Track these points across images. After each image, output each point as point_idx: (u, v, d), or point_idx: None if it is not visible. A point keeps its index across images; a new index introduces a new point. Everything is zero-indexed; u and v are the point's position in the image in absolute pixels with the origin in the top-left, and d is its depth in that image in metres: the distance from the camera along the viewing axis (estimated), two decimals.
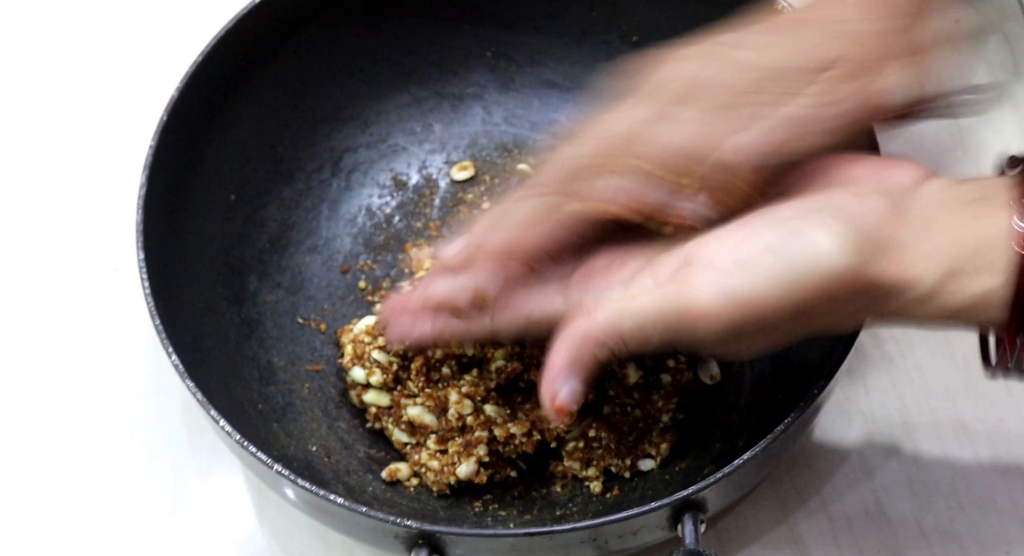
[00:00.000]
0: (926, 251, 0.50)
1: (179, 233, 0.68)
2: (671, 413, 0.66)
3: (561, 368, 0.54)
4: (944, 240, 0.50)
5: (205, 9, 0.82)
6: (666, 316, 0.51)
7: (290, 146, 0.74)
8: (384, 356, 0.68)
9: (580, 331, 0.53)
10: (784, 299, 0.50)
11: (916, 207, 0.51)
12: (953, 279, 0.50)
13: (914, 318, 0.52)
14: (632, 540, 0.59)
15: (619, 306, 0.53)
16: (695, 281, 0.51)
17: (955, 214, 0.50)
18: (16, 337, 0.76)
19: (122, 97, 0.83)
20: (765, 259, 0.50)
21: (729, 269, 0.50)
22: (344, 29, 0.73)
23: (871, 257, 0.50)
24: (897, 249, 0.50)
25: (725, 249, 0.51)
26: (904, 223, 0.50)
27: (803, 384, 0.60)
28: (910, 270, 0.50)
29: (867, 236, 0.50)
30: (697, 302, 0.51)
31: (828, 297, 0.50)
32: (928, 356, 0.72)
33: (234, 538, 0.70)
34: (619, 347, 0.53)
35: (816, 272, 0.50)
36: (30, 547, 0.70)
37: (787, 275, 0.50)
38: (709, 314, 0.51)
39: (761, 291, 0.50)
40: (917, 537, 0.67)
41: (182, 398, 0.72)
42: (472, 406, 0.66)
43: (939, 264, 0.50)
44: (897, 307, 0.51)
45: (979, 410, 0.70)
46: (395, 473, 0.67)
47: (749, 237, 0.51)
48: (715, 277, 0.51)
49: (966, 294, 0.50)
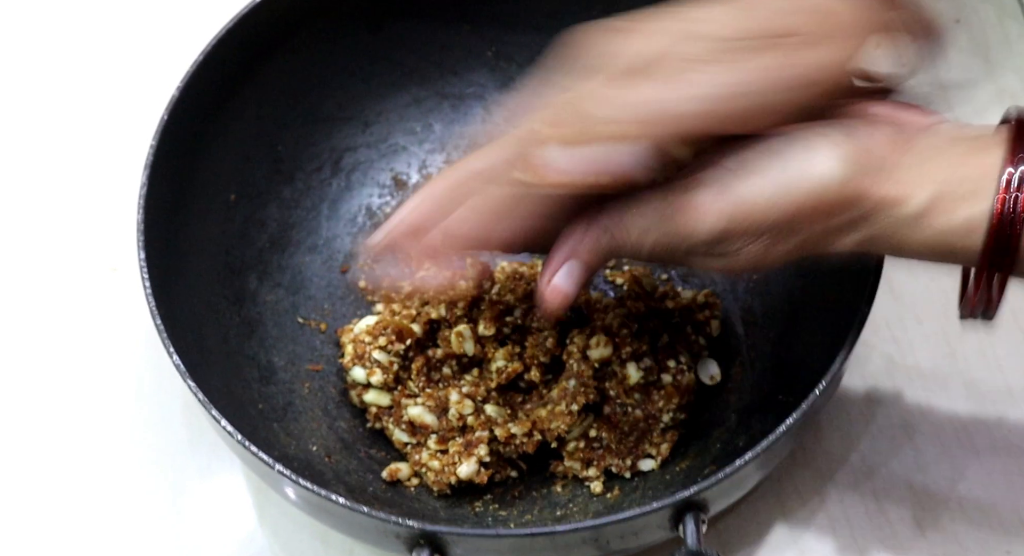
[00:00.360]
0: (920, 173, 0.51)
1: (179, 233, 0.67)
2: (672, 413, 0.66)
3: (564, 250, 0.54)
4: (939, 166, 0.51)
5: (205, 9, 0.82)
6: (667, 206, 0.53)
7: (290, 146, 0.74)
8: (384, 356, 0.68)
9: (586, 218, 0.54)
10: (779, 206, 0.51)
11: (921, 139, 0.52)
12: (942, 202, 0.51)
13: (902, 242, 0.52)
14: (633, 540, 0.59)
15: (630, 200, 0.53)
16: (702, 184, 0.52)
17: (955, 147, 0.52)
18: (16, 337, 0.76)
19: (122, 97, 0.83)
20: (768, 163, 0.51)
21: (733, 168, 0.52)
22: (344, 29, 0.73)
23: (867, 171, 0.51)
24: (894, 169, 0.51)
25: (732, 154, 0.52)
26: (906, 149, 0.52)
27: (803, 384, 0.60)
28: (903, 188, 0.51)
29: (867, 152, 0.51)
30: (700, 200, 0.52)
31: (821, 206, 0.51)
32: (928, 356, 0.72)
33: (234, 538, 0.70)
34: (624, 238, 0.53)
35: (811, 177, 0.51)
36: (30, 547, 0.70)
37: (785, 178, 0.51)
38: (707, 206, 0.52)
39: (758, 195, 0.51)
40: (917, 537, 0.67)
41: (182, 398, 0.72)
42: (473, 406, 0.66)
43: (931, 186, 0.51)
44: (886, 225, 0.52)
45: (979, 410, 0.70)
46: (395, 473, 0.67)
47: (763, 149, 0.52)
48: (719, 174, 0.52)
49: (952, 219, 0.51)
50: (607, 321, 0.67)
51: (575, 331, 0.67)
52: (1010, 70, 0.81)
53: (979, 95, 0.80)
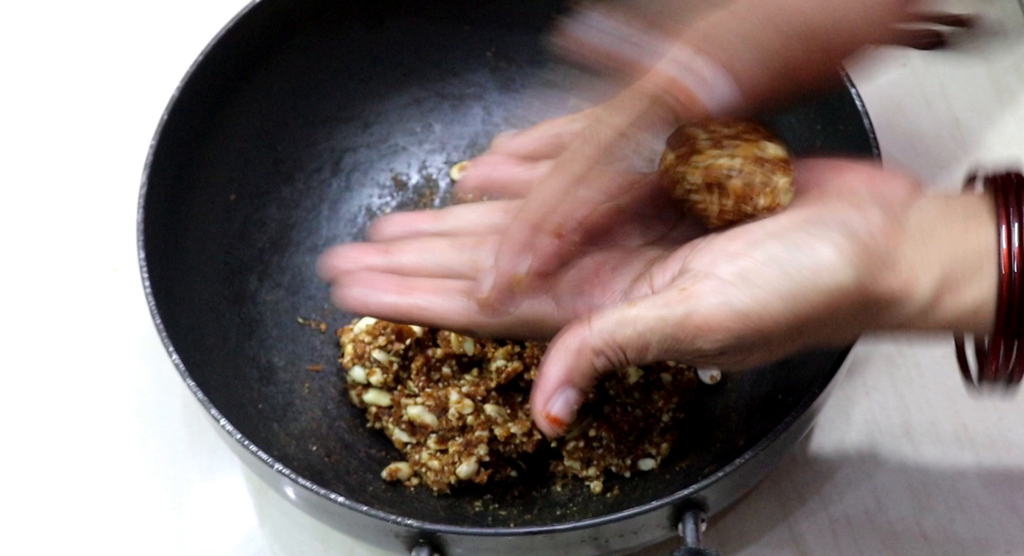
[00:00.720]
0: (923, 264, 0.51)
1: (179, 233, 0.67)
2: (671, 413, 0.66)
3: (556, 378, 0.53)
4: (940, 253, 0.51)
5: (205, 9, 0.82)
6: (666, 325, 0.51)
7: (290, 146, 0.74)
8: (384, 356, 0.68)
9: (577, 339, 0.52)
10: (787, 312, 0.50)
11: (913, 221, 0.52)
12: (948, 290, 0.50)
13: (911, 330, 0.52)
14: (633, 539, 0.59)
15: (617, 315, 0.52)
16: (697, 291, 0.51)
17: (950, 228, 0.51)
18: (17, 337, 0.76)
19: (122, 97, 0.83)
20: (770, 272, 0.50)
21: (733, 281, 0.50)
22: (344, 29, 0.73)
23: (873, 271, 0.50)
24: (896, 263, 0.51)
25: (727, 259, 0.51)
26: (903, 237, 0.51)
27: (803, 384, 0.60)
28: (909, 283, 0.50)
29: (869, 250, 0.50)
30: (699, 312, 0.50)
31: (831, 311, 0.50)
32: (928, 356, 0.72)
33: (234, 538, 0.70)
34: (617, 357, 0.52)
35: (821, 287, 0.50)
36: (31, 547, 0.70)
37: (791, 289, 0.50)
38: (712, 325, 0.50)
39: (765, 304, 0.50)
40: (917, 537, 0.67)
41: (183, 398, 0.72)
42: (472, 406, 0.66)
43: (935, 276, 0.50)
44: (895, 319, 0.52)
45: (979, 410, 0.70)
46: (395, 473, 0.67)
47: (752, 247, 0.51)
48: (719, 288, 0.50)
49: (960, 304, 0.51)
50: None
51: None
52: (1010, 70, 0.81)
53: (979, 95, 0.80)
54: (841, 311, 0.50)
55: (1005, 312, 0.50)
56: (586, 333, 0.52)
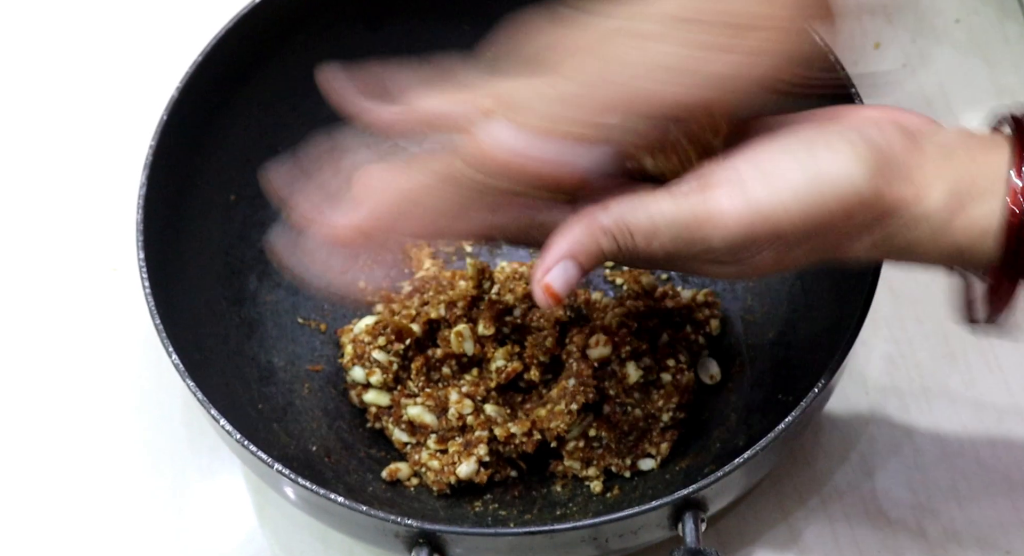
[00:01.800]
0: (933, 173, 0.51)
1: (179, 233, 0.67)
2: (671, 412, 0.66)
3: (560, 249, 0.52)
4: (953, 168, 0.51)
5: (205, 9, 0.82)
6: (679, 213, 0.51)
7: (290, 146, 0.74)
8: (384, 356, 0.68)
9: (591, 217, 0.52)
10: (802, 210, 0.50)
11: (931, 142, 0.52)
12: (955, 202, 0.50)
13: (915, 244, 0.52)
14: (633, 539, 0.59)
15: (636, 202, 0.51)
16: (715, 183, 0.51)
17: (968, 151, 0.51)
18: (17, 337, 0.76)
19: (122, 97, 0.83)
20: (789, 171, 0.50)
21: (754, 178, 0.50)
22: (344, 29, 0.73)
23: (889, 177, 0.50)
24: (912, 174, 0.51)
25: (750, 162, 0.51)
26: (920, 152, 0.51)
27: (803, 384, 0.60)
28: (920, 194, 0.50)
29: (887, 157, 0.50)
30: (718, 205, 0.50)
31: (844, 215, 0.50)
32: (928, 356, 0.72)
33: (234, 538, 0.70)
34: (625, 240, 0.51)
35: (837, 186, 0.50)
36: (31, 547, 0.70)
37: (807, 187, 0.50)
38: (728, 220, 0.50)
39: (780, 199, 0.50)
40: (917, 537, 0.67)
41: (182, 398, 0.72)
42: (472, 406, 0.66)
43: (944, 186, 0.50)
44: (901, 226, 0.51)
45: (979, 410, 0.70)
46: (395, 473, 0.67)
47: (776, 151, 0.51)
48: (739, 184, 0.50)
49: (966, 219, 0.50)
50: (606, 320, 0.67)
51: (574, 330, 0.67)
52: (1010, 70, 0.81)
53: (979, 95, 0.80)
54: (854, 217, 0.50)
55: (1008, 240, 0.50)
56: (601, 214, 0.52)
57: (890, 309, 0.73)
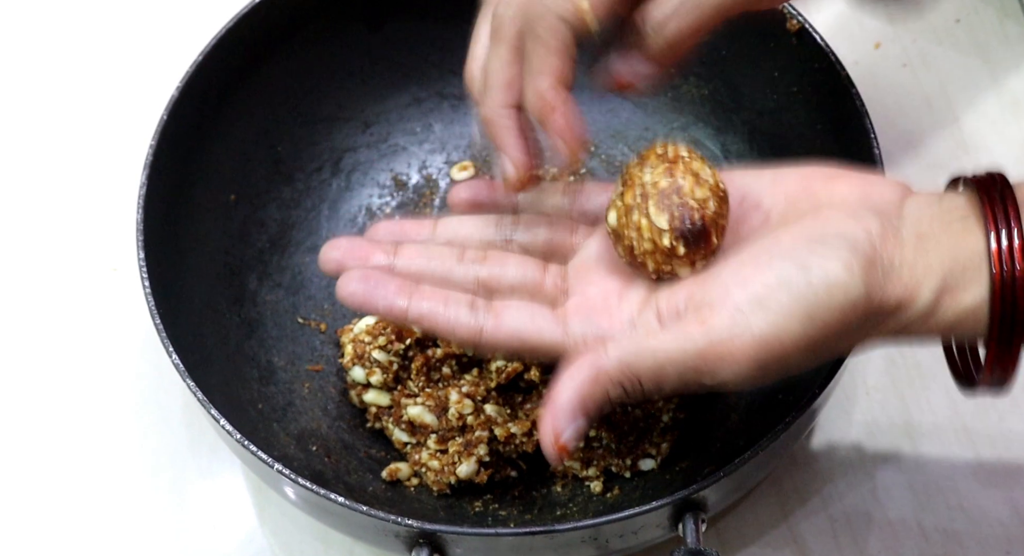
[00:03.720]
0: (922, 270, 0.51)
1: (179, 233, 0.67)
2: (671, 413, 0.66)
3: (571, 406, 0.52)
4: (937, 258, 0.51)
5: (205, 9, 0.82)
6: (687, 357, 0.51)
7: (290, 146, 0.74)
8: (384, 356, 0.68)
9: (593, 367, 0.52)
10: (804, 333, 0.50)
11: (908, 225, 0.52)
12: (947, 294, 0.51)
13: (913, 334, 0.53)
14: (633, 539, 0.59)
15: (636, 344, 0.52)
16: (716, 321, 0.51)
17: (946, 230, 0.52)
18: (17, 337, 0.76)
19: (122, 97, 0.83)
20: (783, 296, 0.50)
21: (749, 307, 0.50)
22: (344, 29, 0.73)
23: (879, 281, 0.51)
24: (898, 269, 0.51)
25: (740, 287, 0.51)
26: (900, 243, 0.52)
27: (803, 384, 0.60)
28: (911, 288, 0.51)
29: (874, 262, 0.51)
30: (721, 342, 0.50)
31: (843, 325, 0.51)
32: (928, 356, 0.72)
33: (234, 538, 0.70)
34: (634, 387, 0.52)
35: (834, 304, 0.50)
36: (31, 547, 0.70)
37: (806, 310, 0.50)
38: (735, 354, 0.50)
39: (783, 327, 0.50)
40: (917, 537, 0.67)
41: (183, 398, 0.72)
42: (472, 406, 0.66)
43: (934, 281, 0.51)
44: (899, 325, 0.52)
45: (979, 410, 0.70)
46: (395, 473, 0.67)
47: (762, 271, 0.51)
48: (736, 316, 0.51)
49: (958, 308, 0.51)
50: None
51: None
52: (1010, 70, 0.81)
53: (979, 95, 0.80)
54: (852, 324, 0.51)
55: (999, 315, 0.51)
56: (603, 361, 0.52)
57: None
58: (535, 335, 0.56)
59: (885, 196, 0.53)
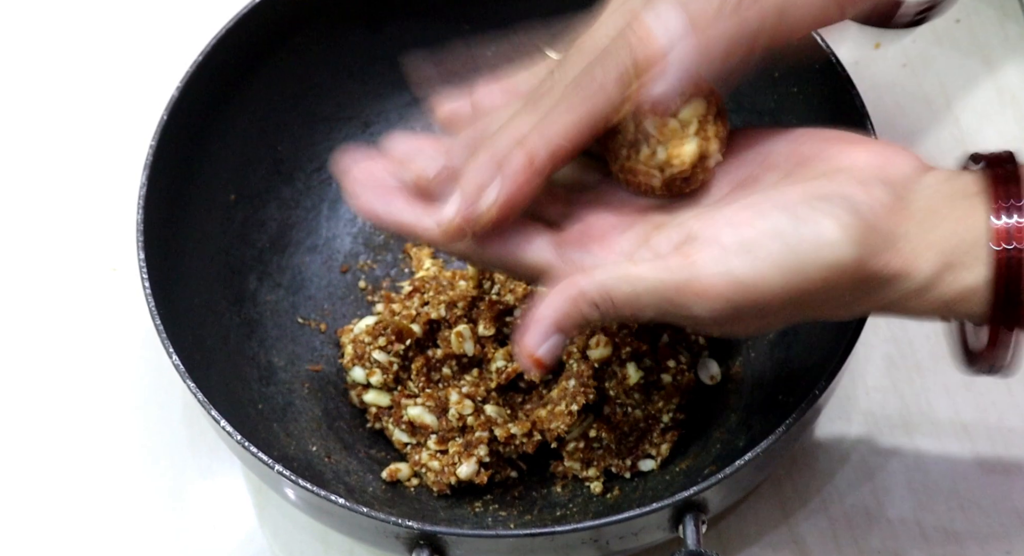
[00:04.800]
0: (926, 244, 0.51)
1: (179, 233, 0.67)
2: (671, 413, 0.66)
3: (547, 321, 0.53)
4: (942, 234, 0.51)
5: (205, 9, 0.82)
6: (664, 288, 0.51)
7: (290, 146, 0.74)
8: (384, 356, 0.68)
9: (575, 287, 0.52)
10: (786, 285, 0.50)
11: (918, 199, 0.52)
12: (948, 271, 0.51)
13: (908, 309, 0.52)
14: (633, 540, 0.59)
15: (618, 270, 0.52)
16: (698, 257, 0.51)
17: (954, 208, 0.51)
18: (17, 337, 0.76)
19: (122, 97, 0.83)
20: (771, 243, 0.50)
21: (735, 249, 0.50)
22: (344, 29, 0.73)
23: (875, 249, 0.50)
24: (899, 241, 0.51)
25: (732, 228, 0.51)
26: (907, 215, 0.51)
27: (803, 384, 0.60)
28: (909, 262, 0.51)
29: (873, 228, 0.50)
30: (698, 278, 0.50)
31: (828, 286, 0.50)
32: (928, 356, 0.72)
33: (234, 538, 0.70)
34: (609, 311, 0.52)
35: (821, 262, 0.50)
36: (31, 547, 0.70)
37: (792, 262, 0.50)
38: (709, 292, 0.50)
39: (764, 275, 0.50)
40: (917, 537, 0.67)
41: (183, 398, 0.72)
42: (472, 406, 0.66)
43: (936, 257, 0.51)
44: (893, 297, 0.52)
45: (979, 410, 0.70)
46: (395, 473, 0.67)
47: (757, 218, 0.51)
48: (719, 255, 0.50)
49: (957, 286, 0.51)
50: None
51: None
52: (1010, 70, 0.81)
53: (979, 95, 0.80)
54: (839, 287, 0.51)
55: (999, 295, 0.50)
56: (584, 283, 0.52)
57: None
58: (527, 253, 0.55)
59: (901, 168, 0.53)
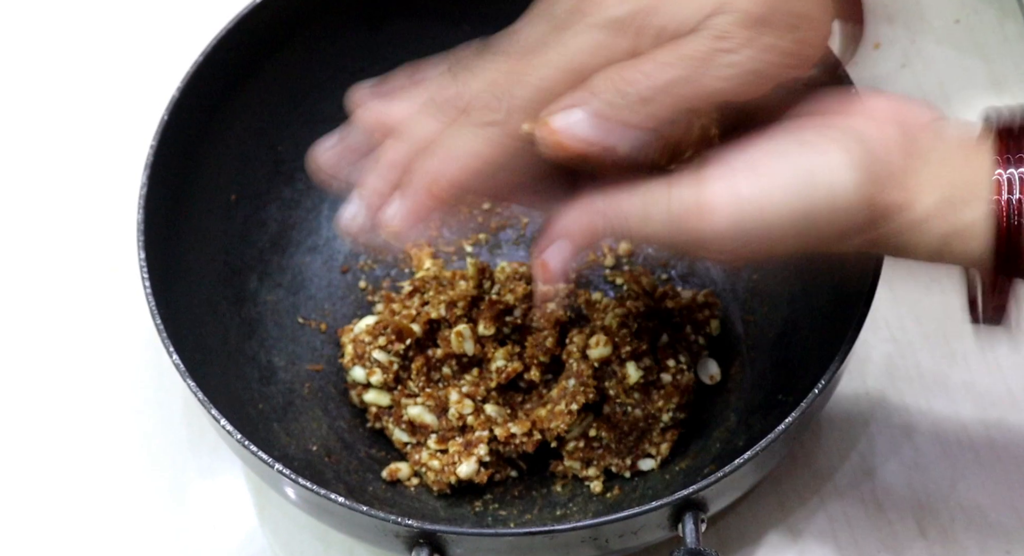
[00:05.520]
0: (929, 180, 0.51)
1: (179, 233, 0.67)
2: (671, 413, 0.66)
3: (557, 228, 0.54)
4: (947, 173, 0.51)
5: (205, 9, 0.82)
6: (673, 206, 0.51)
7: (290, 146, 0.74)
8: (384, 356, 0.68)
9: (587, 201, 0.53)
10: (790, 206, 0.51)
11: (928, 141, 0.52)
12: (948, 206, 0.51)
13: (906, 245, 0.52)
14: (633, 539, 0.59)
15: (632, 186, 0.52)
16: (707, 175, 0.51)
17: (962, 151, 0.52)
18: (17, 337, 0.76)
19: (122, 97, 0.83)
20: (777, 164, 0.51)
21: (742, 169, 0.51)
22: (344, 29, 0.73)
23: (880, 181, 0.51)
24: (904, 176, 0.51)
25: (740, 151, 0.51)
26: (914, 152, 0.52)
27: (803, 384, 0.60)
28: (913, 194, 0.51)
29: (879, 160, 0.51)
30: (705, 194, 0.51)
31: (831, 212, 0.51)
32: (928, 356, 0.72)
33: (235, 538, 0.70)
34: (620, 223, 0.53)
35: (824, 185, 0.50)
36: (31, 547, 0.70)
37: (796, 183, 0.50)
38: (716, 213, 0.51)
39: (768, 193, 0.51)
40: (917, 537, 0.67)
41: (183, 398, 0.72)
42: (472, 406, 0.66)
43: (935, 192, 0.51)
44: (891, 229, 0.52)
45: (979, 410, 0.70)
46: (395, 473, 0.67)
47: (766, 142, 0.51)
48: (726, 174, 0.51)
49: (955, 221, 0.51)
50: (606, 321, 0.67)
51: (575, 331, 0.67)
52: (1010, 70, 0.81)
53: (979, 95, 0.80)
54: (840, 212, 0.51)
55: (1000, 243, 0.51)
56: (600, 200, 0.53)
57: (890, 309, 0.73)
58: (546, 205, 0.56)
59: (916, 115, 0.53)
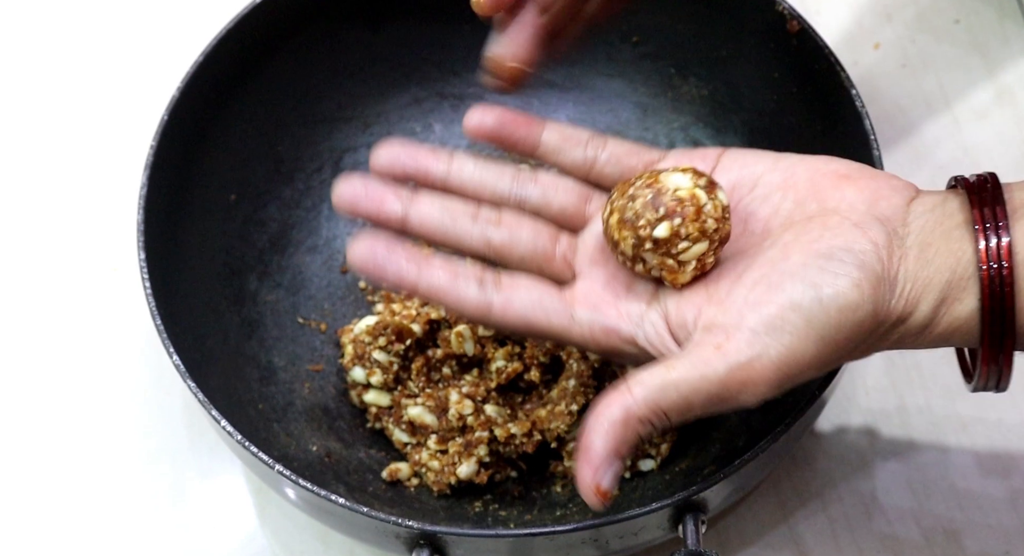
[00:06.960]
0: (923, 284, 0.52)
1: (179, 233, 0.67)
2: None
3: (605, 451, 0.52)
4: (937, 270, 0.52)
5: (205, 9, 0.82)
6: (710, 386, 0.52)
7: (290, 146, 0.74)
8: (384, 356, 0.68)
9: (621, 410, 0.52)
10: (819, 352, 0.52)
11: (911, 234, 0.53)
12: (943, 306, 0.53)
13: (912, 344, 0.54)
14: (633, 540, 0.59)
15: (658, 380, 0.52)
16: (731, 346, 0.52)
17: (945, 240, 0.53)
18: (18, 337, 0.76)
19: (123, 97, 0.83)
20: (796, 318, 0.51)
21: (765, 331, 0.51)
22: (344, 29, 0.73)
23: (884, 298, 0.52)
24: (901, 284, 0.52)
25: (752, 309, 0.52)
26: (904, 255, 0.53)
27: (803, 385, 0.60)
28: (911, 304, 0.52)
29: (880, 279, 0.52)
30: (740, 368, 0.51)
31: (853, 341, 0.52)
32: (928, 356, 0.72)
33: (235, 538, 0.70)
34: (661, 421, 0.53)
35: (845, 323, 0.51)
36: (31, 547, 0.70)
37: (820, 331, 0.51)
38: (757, 380, 0.51)
39: (798, 350, 0.51)
40: (917, 537, 0.67)
41: (183, 398, 0.72)
42: (473, 406, 0.66)
43: (933, 295, 0.52)
44: (897, 336, 0.53)
45: (979, 409, 0.70)
46: (395, 473, 0.67)
47: (773, 292, 0.52)
48: (752, 340, 0.51)
49: (952, 318, 0.53)
50: None
51: None
52: (1009, 70, 0.81)
53: (979, 95, 0.80)
54: (860, 338, 0.52)
55: (989, 317, 0.52)
56: (630, 402, 0.52)
57: None
58: (542, 319, 0.57)
59: (892, 202, 0.54)
